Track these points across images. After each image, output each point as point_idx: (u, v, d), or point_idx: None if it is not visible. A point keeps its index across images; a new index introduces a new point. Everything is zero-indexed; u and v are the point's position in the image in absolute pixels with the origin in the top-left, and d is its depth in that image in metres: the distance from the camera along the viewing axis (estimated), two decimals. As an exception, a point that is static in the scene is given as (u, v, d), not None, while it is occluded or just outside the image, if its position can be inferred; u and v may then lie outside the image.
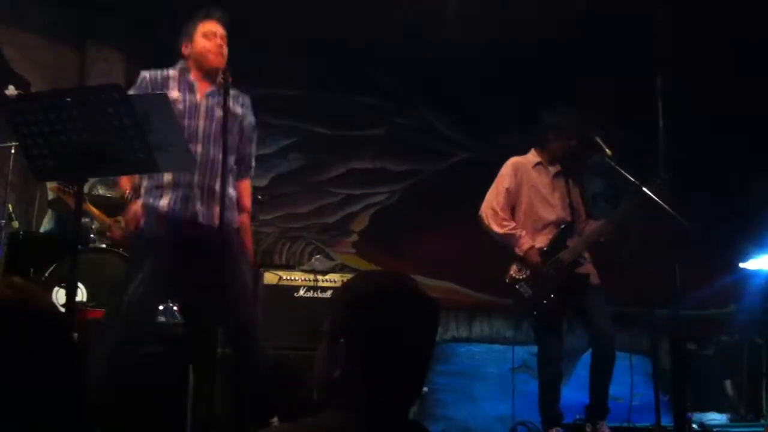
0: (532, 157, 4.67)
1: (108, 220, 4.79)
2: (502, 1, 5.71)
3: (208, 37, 3.52)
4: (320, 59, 6.33)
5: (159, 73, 3.50)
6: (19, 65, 5.78)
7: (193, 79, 3.53)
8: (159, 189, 3.44)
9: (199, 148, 3.43)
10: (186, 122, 3.41)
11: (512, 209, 4.58)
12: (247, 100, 3.70)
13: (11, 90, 4.25)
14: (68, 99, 2.51)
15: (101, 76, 5.77)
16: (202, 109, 3.48)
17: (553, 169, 4.64)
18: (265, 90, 6.22)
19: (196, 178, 3.42)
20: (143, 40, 5.87)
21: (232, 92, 3.46)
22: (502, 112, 6.51)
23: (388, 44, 6.16)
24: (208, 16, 3.59)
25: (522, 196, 4.58)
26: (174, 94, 3.43)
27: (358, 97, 6.75)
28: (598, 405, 4.34)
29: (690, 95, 5.27)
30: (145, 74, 3.50)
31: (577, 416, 4.56)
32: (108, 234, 4.77)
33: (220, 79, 3.38)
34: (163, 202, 3.41)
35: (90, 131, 2.53)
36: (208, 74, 3.51)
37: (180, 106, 3.38)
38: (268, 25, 5.75)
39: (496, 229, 4.49)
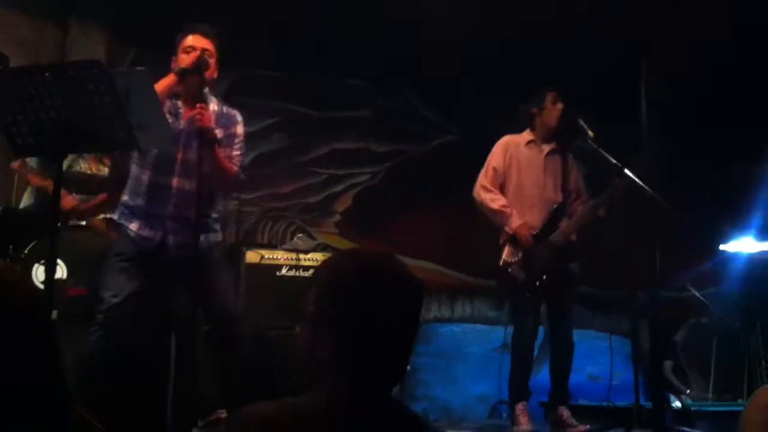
0: (526, 135, 4.65)
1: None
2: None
3: (188, 52, 3.55)
4: (303, 40, 6.27)
5: None
6: (-2, 41, 5.68)
7: (180, 105, 3.55)
8: (132, 211, 3.53)
9: (175, 181, 3.48)
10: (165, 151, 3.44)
11: (501, 187, 4.57)
12: (234, 118, 3.70)
13: (-10, 66, 4.20)
14: (47, 74, 2.48)
15: (83, 53, 5.67)
16: (183, 137, 3.49)
17: (546, 147, 4.59)
18: (248, 71, 6.17)
19: (169, 209, 3.49)
20: (126, 17, 5.79)
21: (215, 109, 3.57)
22: (484, 95, 6.48)
23: (371, 26, 6.11)
24: (189, 31, 3.63)
25: (511, 174, 4.56)
26: None
27: (341, 79, 6.70)
28: (559, 390, 4.47)
29: (669, 83, 5.26)
30: None
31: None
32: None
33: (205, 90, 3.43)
34: (133, 226, 3.52)
35: (69, 108, 2.49)
36: (191, 90, 3.49)
37: None
38: (252, 6, 5.69)
39: (489, 204, 4.48)
